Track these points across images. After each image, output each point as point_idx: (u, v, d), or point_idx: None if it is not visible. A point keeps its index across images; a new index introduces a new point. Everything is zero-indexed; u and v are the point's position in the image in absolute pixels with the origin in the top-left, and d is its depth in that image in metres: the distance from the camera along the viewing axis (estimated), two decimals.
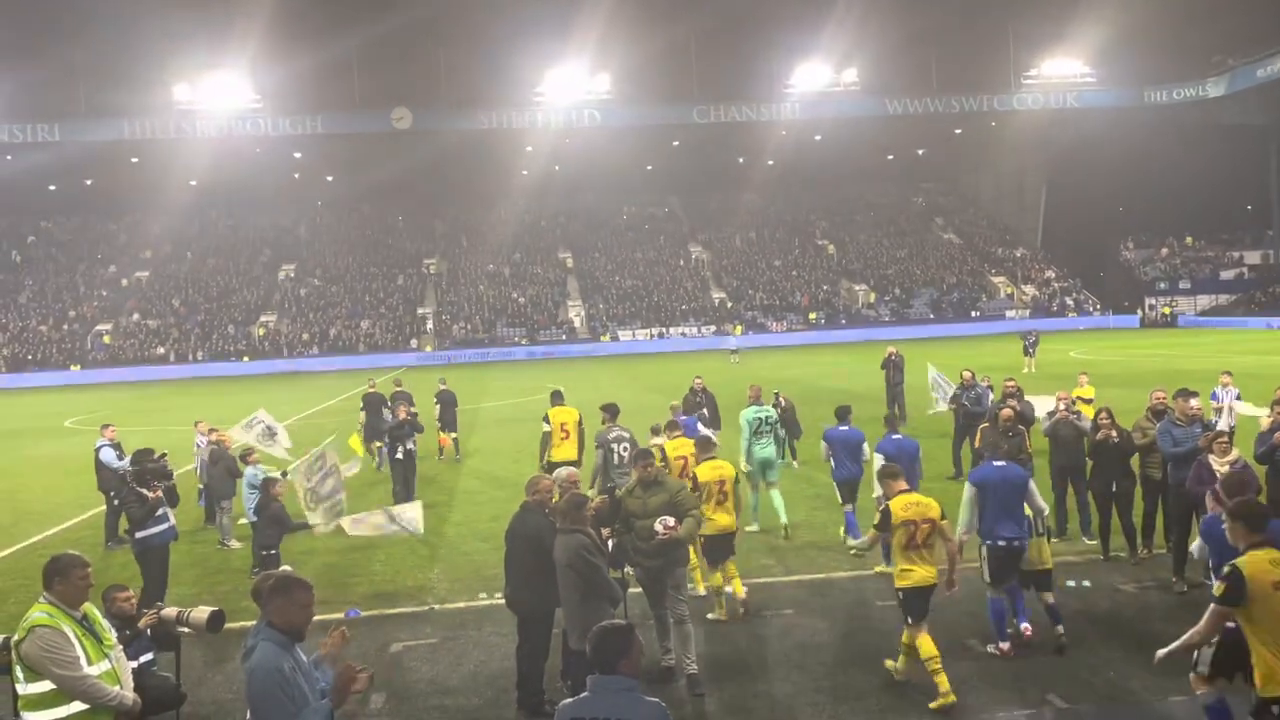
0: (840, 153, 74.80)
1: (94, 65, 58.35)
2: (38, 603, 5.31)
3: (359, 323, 69.34)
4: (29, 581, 12.28)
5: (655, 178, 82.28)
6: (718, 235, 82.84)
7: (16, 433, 31.94)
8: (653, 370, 44.79)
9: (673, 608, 8.16)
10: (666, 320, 69.70)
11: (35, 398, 50.01)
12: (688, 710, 7.59)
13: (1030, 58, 65.41)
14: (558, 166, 74.78)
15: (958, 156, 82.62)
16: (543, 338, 67.76)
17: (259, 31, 54.97)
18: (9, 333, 67.25)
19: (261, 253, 78.94)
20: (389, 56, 60.90)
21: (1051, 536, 9.72)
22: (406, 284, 75.21)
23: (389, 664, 8.82)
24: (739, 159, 77.39)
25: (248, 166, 69.18)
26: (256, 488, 11.78)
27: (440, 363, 60.56)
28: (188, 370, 62.29)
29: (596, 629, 4.44)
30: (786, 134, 68.87)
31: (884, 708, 7.48)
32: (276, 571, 5.41)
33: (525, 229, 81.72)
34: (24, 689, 5.14)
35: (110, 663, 5.33)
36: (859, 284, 75.19)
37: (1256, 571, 5.29)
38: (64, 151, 62.18)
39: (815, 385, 33.00)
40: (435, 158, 68.83)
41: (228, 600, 10.84)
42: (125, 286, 74.07)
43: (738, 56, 64.19)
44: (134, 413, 36.01)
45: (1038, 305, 72.49)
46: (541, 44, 60.15)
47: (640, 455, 8.52)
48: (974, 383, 16.71)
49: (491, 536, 12.93)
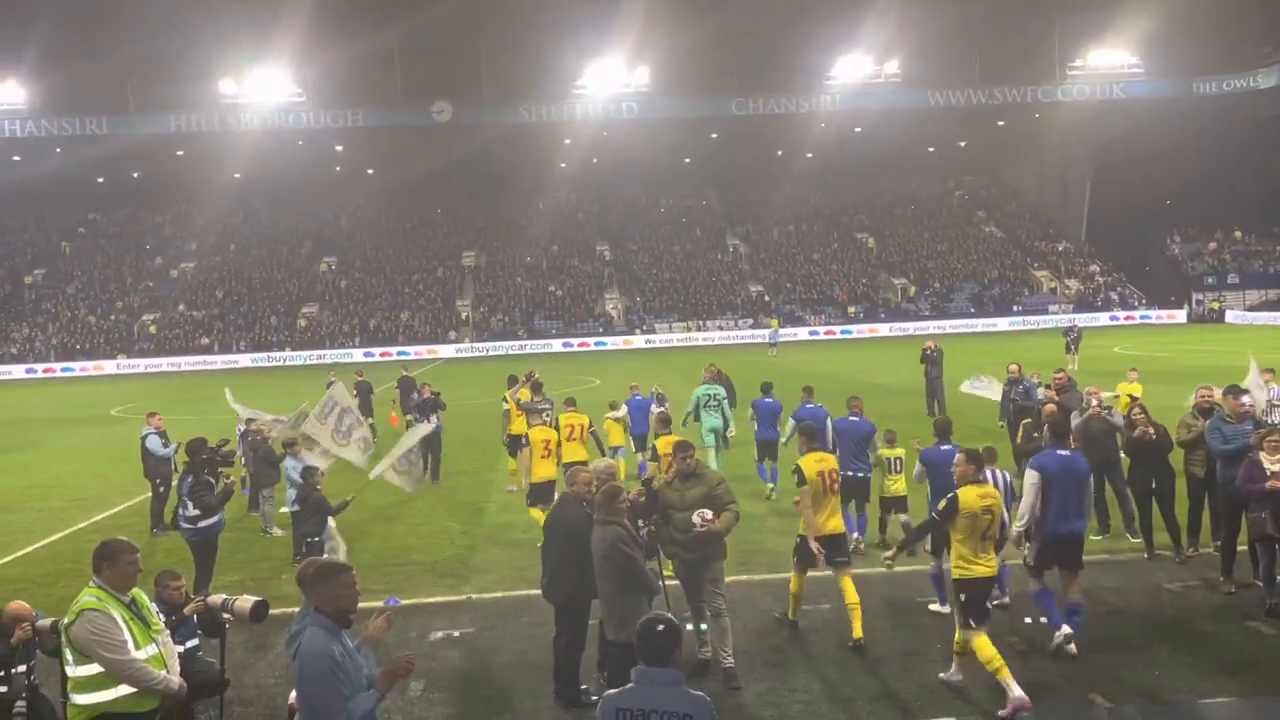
0: (881, 145, 74.16)
1: (142, 61, 59.26)
2: (87, 587, 5.39)
3: (398, 314, 69.93)
4: (77, 565, 12.54)
5: (693, 170, 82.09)
6: (756, 228, 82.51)
7: (66, 420, 32.62)
8: (689, 363, 44.67)
9: (710, 601, 8.14)
10: (704, 314, 69.53)
11: (83, 386, 51.05)
12: (725, 704, 7.57)
13: (1076, 48, 64.32)
14: (596, 159, 74.84)
15: (1001, 148, 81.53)
16: (580, 330, 67.90)
17: (302, 26, 55.50)
18: (59, 322, 68.65)
19: (303, 245, 79.85)
20: (430, 50, 61.27)
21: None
22: (445, 276, 75.72)
23: (427, 652, 8.89)
24: (778, 151, 76.98)
25: (290, 159, 70.02)
26: (300, 477, 11.93)
27: (478, 355, 60.92)
28: (231, 360, 63.24)
29: (644, 621, 4.44)
30: (826, 126, 68.40)
31: (922, 705, 7.42)
32: (318, 558, 5.47)
33: (563, 222, 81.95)
34: (73, 671, 5.23)
35: (157, 647, 5.41)
36: (898, 277, 74.54)
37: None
38: (112, 145, 63.42)
39: (853, 380, 32.76)
40: (474, 151, 69.20)
41: (269, 587, 11.01)
42: (172, 278, 75.27)
43: (778, 49, 63.75)
44: (178, 402, 36.60)
45: (1081, 300, 71.41)
46: (582, 37, 60.22)
47: (679, 447, 8.48)
48: (1021, 376, 16.41)
49: (529, 527, 13.01)
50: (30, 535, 14.70)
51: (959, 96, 64.64)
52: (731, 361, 28.55)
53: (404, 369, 27.04)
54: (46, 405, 39.83)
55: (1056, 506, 8.26)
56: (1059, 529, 8.24)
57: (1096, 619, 9.05)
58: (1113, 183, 77.56)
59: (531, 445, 12.99)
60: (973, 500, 7.44)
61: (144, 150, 66.48)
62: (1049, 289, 73.54)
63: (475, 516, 14.69)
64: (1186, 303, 70.40)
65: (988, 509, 7.44)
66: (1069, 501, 8.28)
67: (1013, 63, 64.21)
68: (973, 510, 7.40)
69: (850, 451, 11.71)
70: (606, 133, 67.50)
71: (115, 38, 57.32)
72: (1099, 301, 71.05)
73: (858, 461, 11.74)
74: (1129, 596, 9.74)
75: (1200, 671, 7.80)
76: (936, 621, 9.15)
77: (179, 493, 10.43)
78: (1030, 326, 65.49)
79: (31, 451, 25.03)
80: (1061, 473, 8.29)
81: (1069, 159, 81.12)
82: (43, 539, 14.46)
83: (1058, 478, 8.27)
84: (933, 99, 64.92)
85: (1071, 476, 8.30)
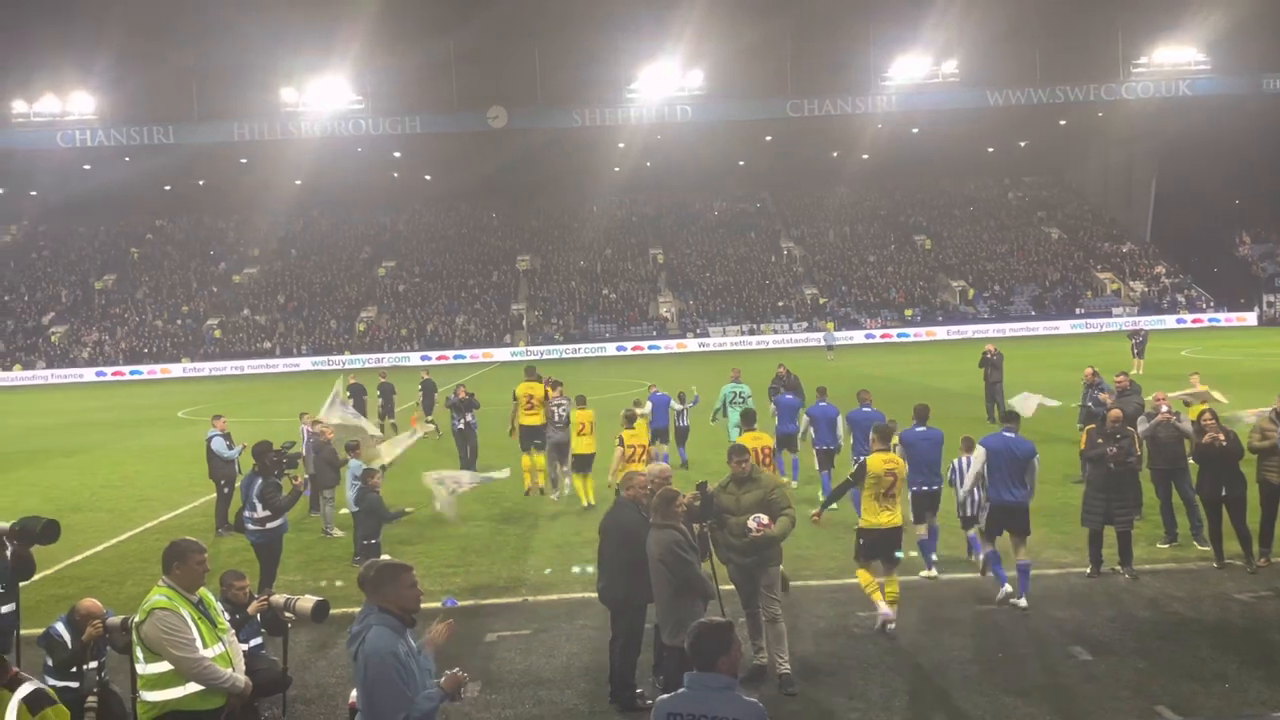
0: (938, 146, 73.26)
1: (206, 70, 60.80)
2: (157, 586, 5.51)
3: (454, 318, 70.68)
4: (145, 564, 12.88)
5: (747, 173, 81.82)
6: (810, 230, 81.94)
7: (134, 422, 33.47)
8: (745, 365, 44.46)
9: (765, 606, 8.09)
10: (757, 317, 69.23)
11: (151, 389, 52.38)
12: (780, 710, 7.52)
13: (1140, 45, 62.90)
14: (649, 163, 74.92)
15: (1062, 148, 80.00)
16: (633, 334, 68.01)
17: (361, 34, 56.49)
18: (127, 326, 70.53)
19: (362, 250, 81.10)
20: (486, 56, 61.93)
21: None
22: (500, 280, 76.35)
23: (483, 653, 8.97)
24: (833, 153, 76.42)
25: (349, 166, 71.24)
26: (359, 478, 12.14)
27: (533, 357, 61.22)
28: (292, 363, 64.44)
29: (696, 625, 4.43)
30: (882, 127, 67.72)
31: (982, 714, 7.30)
32: (379, 560, 5.55)
33: (616, 225, 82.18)
34: (143, 669, 5.35)
35: (224, 646, 5.51)
36: (956, 280, 73.50)
37: None
38: (178, 153, 65.10)
39: (911, 383, 32.38)
40: (528, 155, 69.75)
41: (329, 588, 11.19)
42: (235, 283, 76.93)
43: (833, 49, 63.32)
44: (242, 405, 37.41)
45: (1146, 302, 69.75)
46: (636, 41, 60.40)
47: (734, 451, 8.46)
48: (1097, 380, 15.96)
49: (584, 530, 13.07)
50: (100, 534, 15.06)
51: (1019, 95, 63.56)
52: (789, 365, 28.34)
53: (425, 372, 27.67)
54: (115, 407, 40.91)
55: (998, 478, 9.85)
56: (1002, 497, 9.83)
57: (1165, 629, 8.86)
58: (1179, 182, 75.58)
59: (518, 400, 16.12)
60: (878, 465, 9.21)
61: (208, 158, 68.15)
62: (1112, 291, 71.95)
63: (531, 519, 14.79)
64: (1257, 305, 68.34)
65: (890, 472, 9.23)
66: (1009, 476, 9.81)
67: (1074, 61, 62.95)
68: (877, 473, 9.16)
69: (863, 440, 13.07)
70: (660, 136, 67.55)
71: (180, 48, 58.99)
72: (1165, 304, 69.34)
73: (869, 449, 12.39)
74: (1198, 606, 9.49)
75: (1272, 684, 7.57)
76: (996, 631, 9.00)
77: (244, 494, 10.62)
78: (1093, 330, 64.15)
79: (101, 452, 25.70)
80: (1005, 450, 9.88)
81: (1133, 158, 79.31)
82: (112, 538, 14.82)
83: (1000, 454, 9.86)
84: (992, 98, 63.92)
85: (1013, 455, 9.84)
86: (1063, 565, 10.96)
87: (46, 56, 59.02)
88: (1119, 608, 9.48)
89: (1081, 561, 10.78)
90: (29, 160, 67.11)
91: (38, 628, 8.07)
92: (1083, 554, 10.80)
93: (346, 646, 4.95)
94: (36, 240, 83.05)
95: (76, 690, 7.51)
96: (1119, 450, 10.40)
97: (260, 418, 30.60)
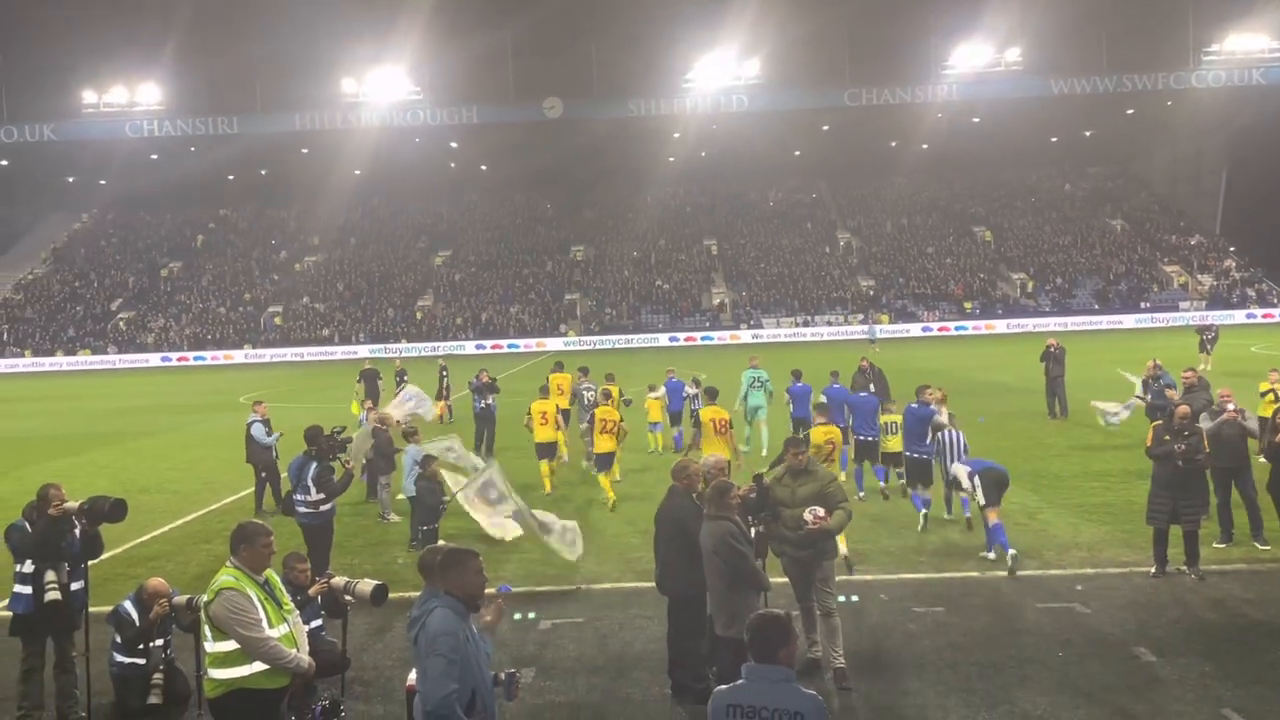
0: (999, 135, 72.00)
1: (268, 62, 61.93)
2: (224, 566, 5.63)
3: (509, 308, 71.16)
4: (209, 545, 13.20)
5: (803, 162, 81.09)
6: (867, 221, 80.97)
7: (197, 407, 34.25)
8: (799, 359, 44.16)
9: (820, 600, 8.03)
10: (812, 308, 68.69)
11: (214, 375, 53.56)
12: (835, 704, 7.49)
13: (1211, 32, 61.16)
14: (704, 152, 74.66)
15: (1129, 138, 78.12)
16: (686, 324, 67.90)
17: (420, 26, 57.10)
18: (191, 313, 72.16)
19: (419, 239, 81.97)
20: (542, 47, 62.15)
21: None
22: (555, 270, 76.67)
23: (538, 640, 9.04)
24: (891, 143, 75.48)
25: (407, 156, 72.08)
26: (419, 463, 12.33)
27: (586, 348, 61.51)
28: (350, 350, 65.42)
29: (755, 617, 4.41)
30: (942, 116, 66.76)
31: (1041, 713, 7.19)
32: (442, 546, 5.62)
33: (670, 215, 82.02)
34: (211, 647, 5.48)
35: (289, 626, 5.63)
36: (1017, 272, 72.15)
37: None
38: (242, 144, 66.51)
39: (968, 377, 31.93)
40: (583, 146, 69.96)
41: (387, 571, 11.35)
42: (296, 271, 78.27)
43: (892, 38, 62.53)
44: (300, 391, 38.07)
45: (1215, 296, 67.82)
46: (692, 31, 60.21)
47: (791, 443, 8.39)
48: (1159, 372, 15.58)
49: (639, 519, 13.09)
50: (165, 515, 15.42)
51: (1084, 84, 62.20)
52: (834, 358, 28.16)
53: (441, 361, 28.19)
54: (180, 392, 41.89)
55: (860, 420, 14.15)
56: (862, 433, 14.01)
57: (1233, 631, 8.66)
58: (1251, 172, 73.27)
59: (532, 415, 16.35)
60: (819, 436, 11.74)
61: (271, 148, 69.48)
62: (1180, 285, 70.06)
63: (584, 506, 14.85)
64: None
65: (829, 441, 11.86)
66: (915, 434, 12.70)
67: (1142, 48, 61.45)
68: (818, 443, 11.47)
69: (864, 420, 14.53)
70: (715, 126, 67.25)
71: (244, 41, 60.08)
72: (1234, 298, 67.37)
73: (870, 428, 14.48)
74: (1268, 609, 9.24)
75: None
76: (1056, 630, 8.84)
77: (293, 477, 10.75)
78: (1159, 324, 62.60)
79: (166, 436, 26.35)
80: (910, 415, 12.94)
81: (1203, 148, 77.11)
82: (176, 519, 15.17)
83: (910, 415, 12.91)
84: (1056, 87, 62.61)
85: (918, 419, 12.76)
86: (1125, 564, 10.74)
87: (115, 49, 60.57)
88: (1184, 609, 9.27)
89: (1145, 560, 10.56)
90: (98, 150, 68.99)
91: (106, 605, 8.32)
92: (1146, 553, 10.57)
93: (406, 630, 5.02)
94: (105, 228, 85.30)
95: (143, 667, 7.73)
96: (1188, 448, 10.14)
97: (317, 404, 31.12)
